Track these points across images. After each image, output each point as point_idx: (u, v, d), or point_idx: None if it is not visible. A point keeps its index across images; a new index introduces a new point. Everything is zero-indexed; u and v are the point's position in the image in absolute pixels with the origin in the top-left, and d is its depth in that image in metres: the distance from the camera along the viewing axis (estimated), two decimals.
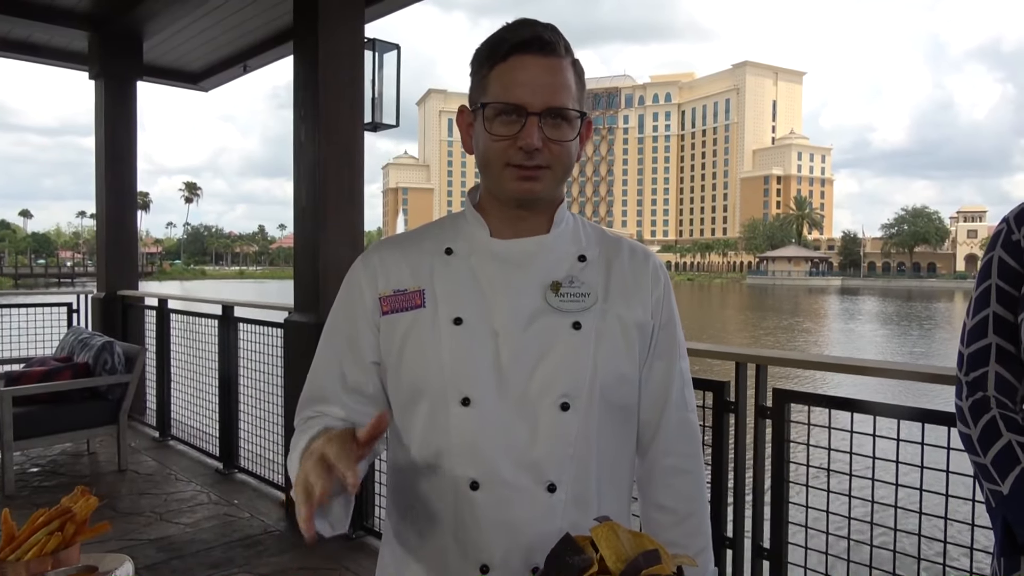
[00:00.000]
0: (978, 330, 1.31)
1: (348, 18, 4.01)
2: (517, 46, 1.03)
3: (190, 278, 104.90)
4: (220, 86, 7.06)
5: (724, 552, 2.48)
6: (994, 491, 1.23)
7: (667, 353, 1.17)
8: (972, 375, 1.30)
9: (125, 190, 6.31)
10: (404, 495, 1.13)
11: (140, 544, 3.60)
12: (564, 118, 1.05)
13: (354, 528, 3.75)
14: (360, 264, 1.17)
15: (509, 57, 1.03)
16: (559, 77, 1.04)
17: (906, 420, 2.11)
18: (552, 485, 1.04)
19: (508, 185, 1.07)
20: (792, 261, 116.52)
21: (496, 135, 1.04)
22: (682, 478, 1.17)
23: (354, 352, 1.13)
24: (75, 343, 5.10)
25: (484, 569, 1.04)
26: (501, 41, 1.05)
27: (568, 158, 1.08)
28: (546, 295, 1.08)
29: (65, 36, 5.97)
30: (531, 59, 1.03)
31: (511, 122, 1.03)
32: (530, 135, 1.02)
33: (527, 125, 1.02)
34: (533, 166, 1.05)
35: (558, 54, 1.05)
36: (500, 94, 1.03)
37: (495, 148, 1.05)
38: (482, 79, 1.07)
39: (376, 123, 4.62)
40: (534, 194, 1.08)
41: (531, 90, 1.02)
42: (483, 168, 1.10)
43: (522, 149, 1.03)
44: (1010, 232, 1.29)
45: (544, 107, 1.02)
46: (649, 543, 0.83)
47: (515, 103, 1.02)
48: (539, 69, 1.03)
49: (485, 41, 1.08)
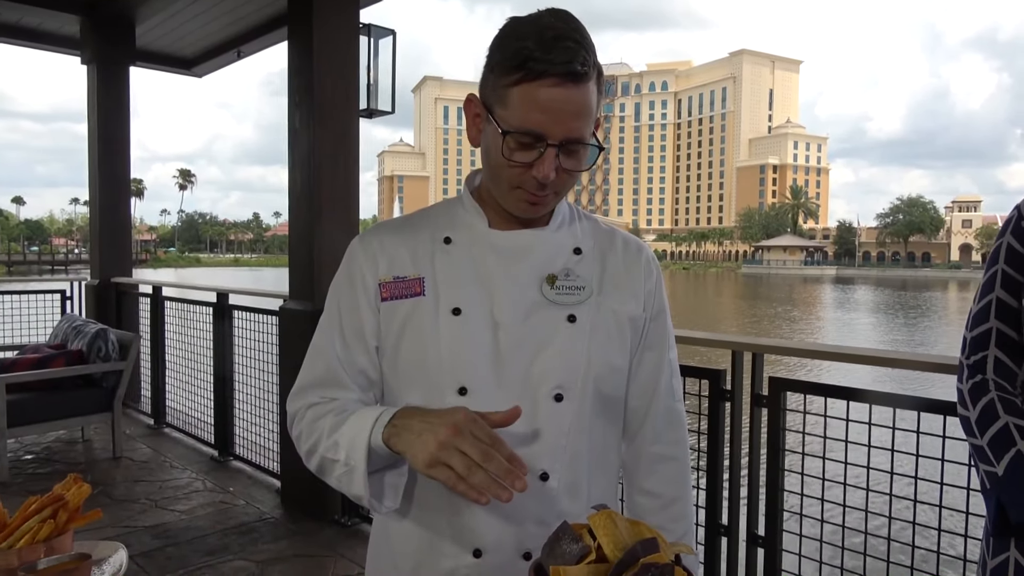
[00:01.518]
0: (981, 314, 1.32)
1: (343, 3, 3.97)
2: (551, 72, 0.96)
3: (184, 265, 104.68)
4: (214, 72, 7.01)
5: (719, 539, 2.49)
6: (989, 472, 1.25)
7: (657, 344, 1.18)
8: (973, 358, 1.32)
9: (118, 177, 6.27)
10: None
11: (135, 531, 3.60)
12: (582, 148, 1.02)
13: (349, 515, 3.76)
14: (359, 247, 1.15)
15: (537, 80, 0.96)
16: (584, 105, 0.99)
17: (901, 408, 2.11)
18: (545, 474, 1.06)
19: (513, 205, 1.07)
20: (787, 250, 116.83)
21: (512, 161, 1.01)
22: (669, 464, 1.19)
23: (359, 337, 1.11)
24: (69, 330, 5.07)
25: (477, 553, 1.05)
26: (534, 60, 0.96)
27: (575, 180, 1.07)
28: (542, 288, 1.09)
29: (56, 20, 5.91)
30: (560, 89, 0.96)
31: (528, 148, 1.00)
32: (546, 168, 0.99)
33: (545, 157, 0.99)
34: (543, 194, 1.04)
35: (588, 79, 0.98)
36: (521, 119, 0.98)
37: (504, 171, 1.03)
38: (502, 87, 0.99)
39: (371, 110, 4.58)
40: (537, 215, 1.09)
41: (553, 119, 0.97)
42: (491, 179, 1.08)
43: (535, 179, 1.01)
44: (1020, 219, 1.31)
45: (564, 138, 0.99)
46: (647, 531, 0.82)
47: (536, 131, 0.98)
48: (565, 98, 0.97)
49: (512, 40, 0.99)
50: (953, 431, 2.01)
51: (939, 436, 2.03)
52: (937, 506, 2.07)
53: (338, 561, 3.33)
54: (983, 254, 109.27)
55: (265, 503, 4.02)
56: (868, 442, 2.17)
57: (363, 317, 1.11)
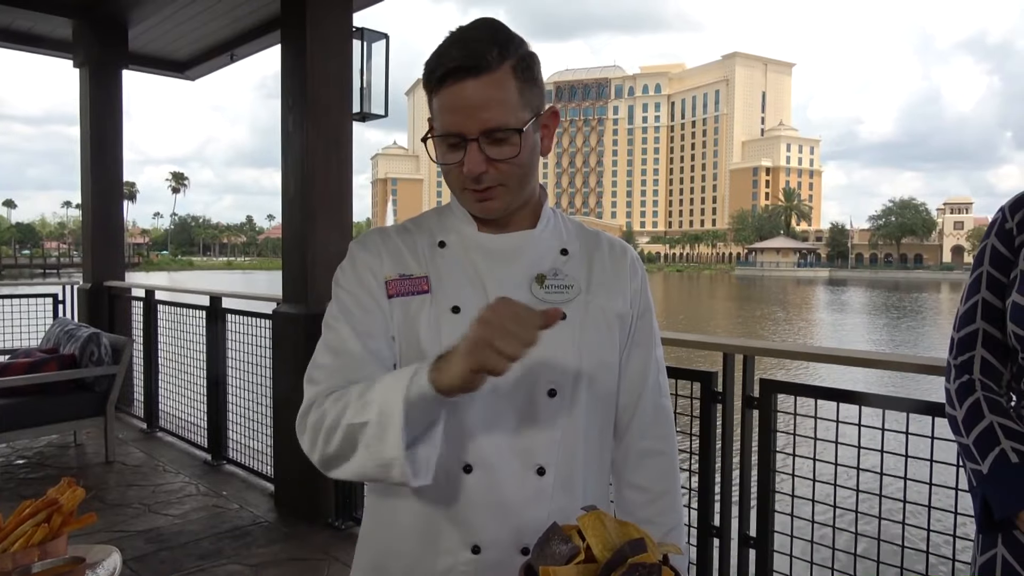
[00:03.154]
0: (968, 315, 1.35)
1: (336, 7, 3.98)
2: (448, 73, 1.01)
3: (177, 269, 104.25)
4: (207, 75, 6.99)
5: (711, 541, 2.50)
6: (975, 470, 1.28)
7: (644, 342, 1.21)
8: (960, 359, 1.35)
9: (111, 180, 6.25)
10: None
11: (128, 536, 3.59)
12: (504, 137, 1.03)
13: (342, 519, 3.76)
14: (359, 247, 1.16)
15: (443, 85, 1.02)
16: (493, 94, 1.01)
17: (891, 410, 2.13)
18: (541, 468, 1.08)
19: (469, 206, 1.12)
20: (780, 252, 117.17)
21: (445, 163, 1.07)
22: (657, 459, 1.22)
23: (375, 326, 1.10)
24: (61, 334, 5.06)
25: (476, 549, 1.07)
26: (435, 67, 1.03)
27: (520, 168, 1.07)
28: (532, 288, 1.12)
29: (49, 23, 5.89)
30: (462, 84, 1.00)
31: (454, 149, 1.04)
32: (471, 162, 1.03)
33: (468, 152, 1.03)
34: (484, 188, 1.07)
35: (490, 69, 1.01)
36: (441, 124, 1.04)
37: (449, 175, 1.08)
38: (430, 104, 1.07)
39: (364, 113, 4.59)
40: (494, 212, 1.11)
41: (465, 115, 1.01)
42: (450, 189, 1.13)
43: (467, 175, 1.05)
44: (1004, 221, 1.33)
45: (480, 130, 1.02)
46: (635, 532, 0.84)
47: (453, 131, 1.03)
48: (470, 92, 1.01)
49: (425, 63, 1.06)
50: (942, 432, 2.03)
51: (928, 437, 2.05)
52: (926, 506, 2.09)
53: (332, 564, 3.33)
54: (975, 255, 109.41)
55: (259, 507, 4.02)
56: (858, 443, 2.19)
57: (377, 307, 1.11)
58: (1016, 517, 1.22)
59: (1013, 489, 1.22)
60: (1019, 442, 1.24)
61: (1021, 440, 1.24)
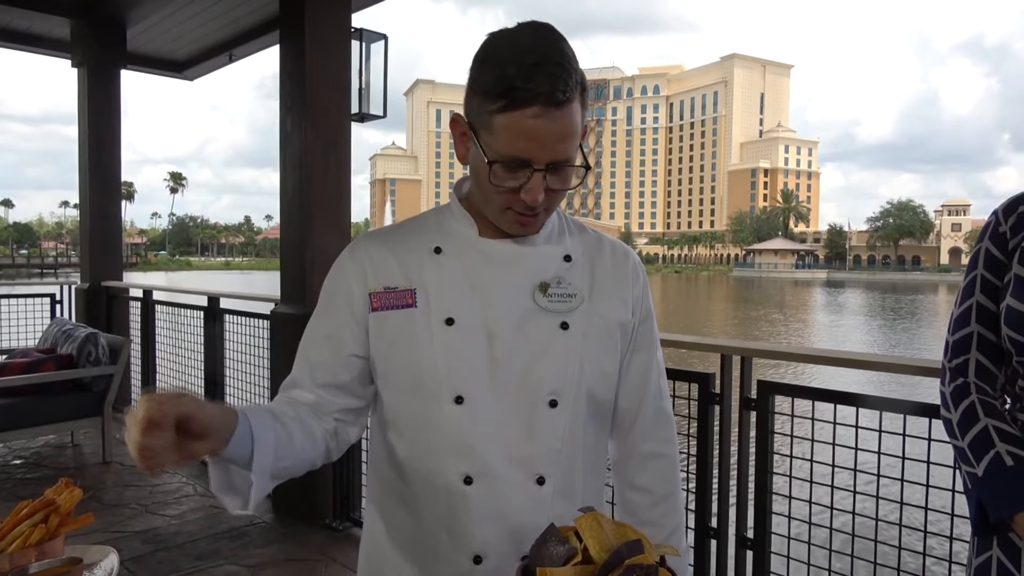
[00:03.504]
0: (962, 319, 1.35)
1: (334, 7, 3.98)
2: (532, 99, 0.96)
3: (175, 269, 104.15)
4: (205, 75, 6.98)
5: (708, 542, 2.50)
6: (970, 473, 1.28)
7: (646, 346, 1.21)
8: (955, 362, 1.35)
9: (109, 180, 6.24)
10: (393, 486, 1.14)
11: (125, 536, 3.58)
12: (569, 169, 1.04)
13: (340, 519, 3.76)
14: (348, 257, 1.16)
15: (520, 109, 0.97)
16: (568, 126, 1.00)
17: (888, 412, 2.13)
18: (541, 478, 1.07)
19: (506, 225, 1.09)
20: (778, 254, 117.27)
21: (501, 187, 1.03)
22: (659, 461, 1.22)
23: (331, 344, 1.13)
24: (58, 334, 5.05)
25: (477, 560, 1.06)
26: (515, 88, 0.96)
27: (564, 195, 1.09)
28: (535, 295, 1.10)
29: (47, 23, 5.88)
30: (544, 113, 0.97)
31: (516, 174, 1.01)
32: (535, 193, 1.01)
33: (532, 181, 1.01)
34: (533, 214, 1.06)
35: (569, 101, 0.99)
36: (506, 145, 0.99)
37: (494, 194, 1.04)
38: (486, 113, 1.00)
39: (363, 113, 4.59)
40: (529, 232, 1.11)
41: (539, 146, 0.99)
42: (482, 202, 1.09)
43: (524, 201, 1.03)
44: (997, 224, 1.33)
45: (550, 161, 1.01)
46: (632, 533, 0.84)
47: (522, 158, 1.00)
48: (550, 125, 0.98)
49: (495, 67, 0.98)
50: (938, 434, 2.03)
51: (925, 439, 2.05)
52: (923, 508, 2.09)
53: (329, 565, 3.32)
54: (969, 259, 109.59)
55: (256, 508, 4.00)
56: (855, 445, 2.19)
57: (341, 326, 1.12)
58: (1011, 520, 1.23)
59: (1008, 492, 1.22)
60: (1014, 445, 1.24)
61: (1016, 443, 1.25)
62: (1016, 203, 1.33)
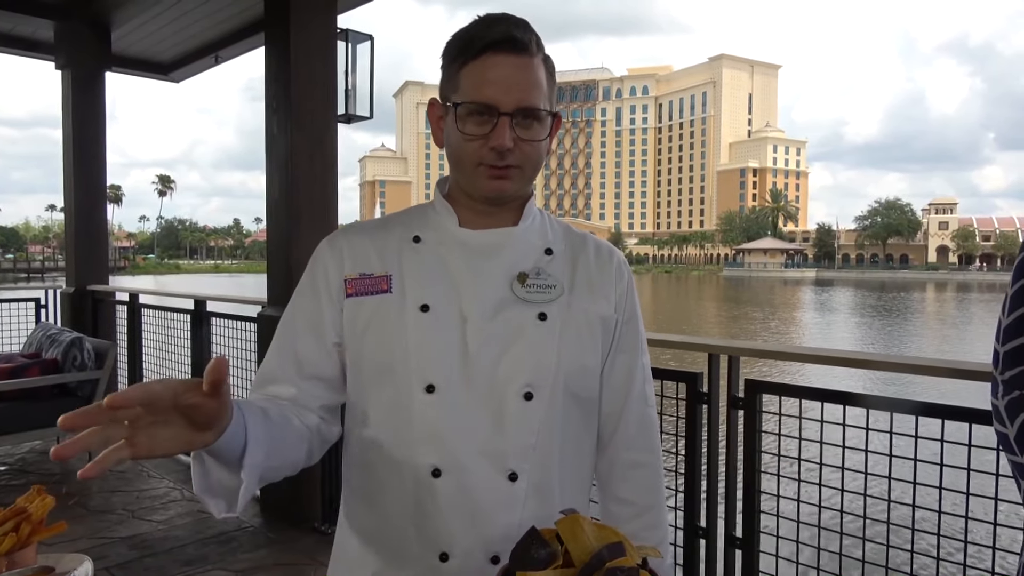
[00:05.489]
0: (1015, 327, 1.25)
1: (320, 8, 3.96)
2: (490, 44, 1.02)
3: (164, 272, 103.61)
4: (191, 77, 6.94)
5: (697, 541, 2.50)
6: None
7: (630, 348, 1.18)
8: (1008, 373, 1.26)
9: (94, 183, 6.18)
10: (362, 480, 1.12)
11: (111, 542, 3.55)
12: (535, 118, 1.05)
13: (328, 523, 3.73)
14: (326, 246, 1.16)
15: (481, 55, 1.02)
16: (531, 76, 1.04)
17: (876, 410, 2.14)
18: (513, 474, 1.04)
19: (480, 183, 1.08)
20: (768, 253, 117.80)
21: (468, 135, 1.04)
22: (642, 471, 1.19)
23: (315, 333, 1.11)
24: (43, 339, 5.00)
25: (444, 557, 1.04)
26: (474, 38, 1.03)
27: (538, 156, 1.08)
28: (512, 286, 1.09)
29: (30, 25, 5.82)
30: (503, 58, 1.02)
31: (483, 122, 1.03)
32: (502, 136, 1.02)
33: (499, 126, 1.02)
34: (504, 166, 1.05)
35: (530, 52, 1.04)
36: (472, 93, 1.03)
37: (467, 148, 1.05)
38: (453, 75, 1.06)
39: (350, 115, 4.57)
40: (505, 192, 1.09)
41: (503, 89, 1.02)
42: (455, 165, 1.10)
43: (494, 149, 1.03)
44: None
45: (516, 107, 1.02)
46: (613, 535, 0.83)
47: (487, 103, 1.02)
48: (511, 68, 1.02)
49: (457, 35, 1.07)
50: (925, 431, 2.04)
51: (912, 436, 2.06)
52: (911, 506, 2.10)
53: (318, 569, 3.30)
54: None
55: (244, 512, 3.97)
56: (843, 443, 2.19)
57: (323, 313, 1.11)
58: None
59: None
60: None
61: None
62: None
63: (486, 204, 1.12)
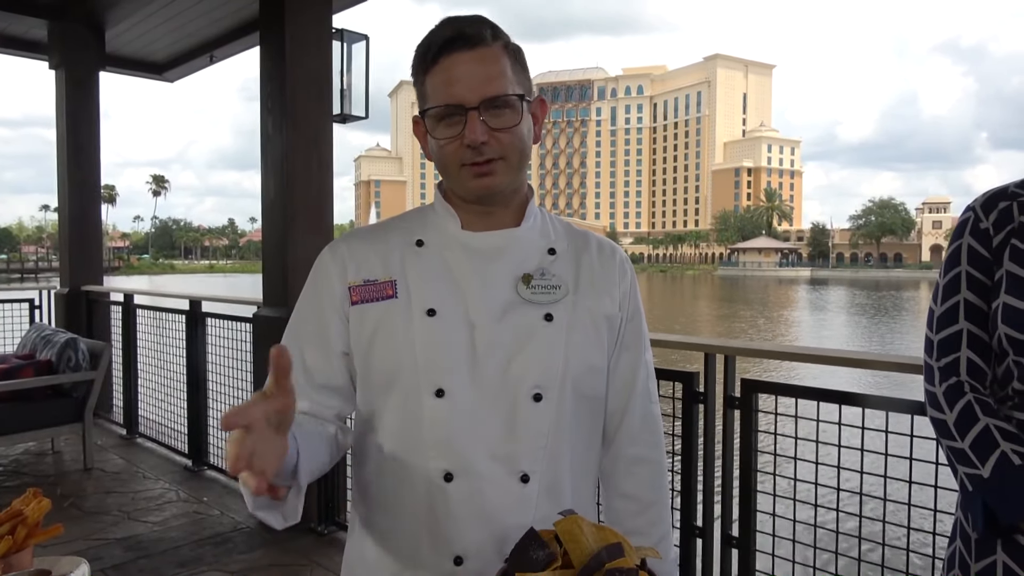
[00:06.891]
0: (948, 316, 1.31)
1: (315, 8, 3.95)
2: (443, 47, 1.02)
3: (159, 272, 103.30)
4: (186, 76, 6.93)
5: (694, 541, 2.50)
6: (972, 475, 1.22)
7: (634, 345, 1.18)
8: (943, 361, 1.30)
9: (88, 183, 6.17)
10: (374, 486, 1.12)
11: (107, 544, 3.53)
12: (506, 105, 1.04)
13: (325, 523, 3.72)
14: (328, 253, 1.15)
15: (438, 59, 1.03)
16: (490, 66, 1.03)
17: (871, 409, 2.14)
18: (525, 475, 1.04)
19: (468, 184, 1.07)
20: (762, 252, 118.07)
21: (443, 138, 1.04)
22: (646, 467, 1.19)
23: (322, 343, 1.11)
24: (38, 340, 4.98)
25: (458, 561, 1.04)
26: (428, 46, 1.04)
27: (520, 142, 1.07)
28: (517, 287, 1.08)
29: (23, 24, 5.81)
30: (458, 55, 1.02)
31: (453, 123, 1.03)
32: (473, 131, 1.02)
33: (468, 121, 1.02)
34: (485, 160, 1.04)
35: (485, 43, 1.04)
36: (436, 98, 1.04)
37: (446, 151, 1.05)
38: (421, 87, 1.07)
39: (345, 114, 4.56)
40: (493, 188, 1.07)
41: (464, 86, 1.02)
42: (442, 172, 1.10)
43: (469, 146, 1.03)
44: (978, 220, 1.30)
45: (480, 99, 1.02)
46: (612, 536, 0.83)
47: (451, 102, 1.02)
48: (468, 63, 1.02)
49: (416, 48, 1.07)
50: (920, 430, 2.04)
51: (907, 435, 2.06)
52: (906, 504, 2.10)
53: (314, 570, 3.29)
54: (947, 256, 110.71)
55: (240, 512, 3.97)
56: (839, 442, 2.20)
57: (328, 323, 1.11)
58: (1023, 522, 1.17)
59: (1019, 493, 1.17)
60: (1017, 444, 1.20)
61: (1018, 442, 1.20)
62: (996, 199, 1.30)
63: (481, 204, 1.11)
